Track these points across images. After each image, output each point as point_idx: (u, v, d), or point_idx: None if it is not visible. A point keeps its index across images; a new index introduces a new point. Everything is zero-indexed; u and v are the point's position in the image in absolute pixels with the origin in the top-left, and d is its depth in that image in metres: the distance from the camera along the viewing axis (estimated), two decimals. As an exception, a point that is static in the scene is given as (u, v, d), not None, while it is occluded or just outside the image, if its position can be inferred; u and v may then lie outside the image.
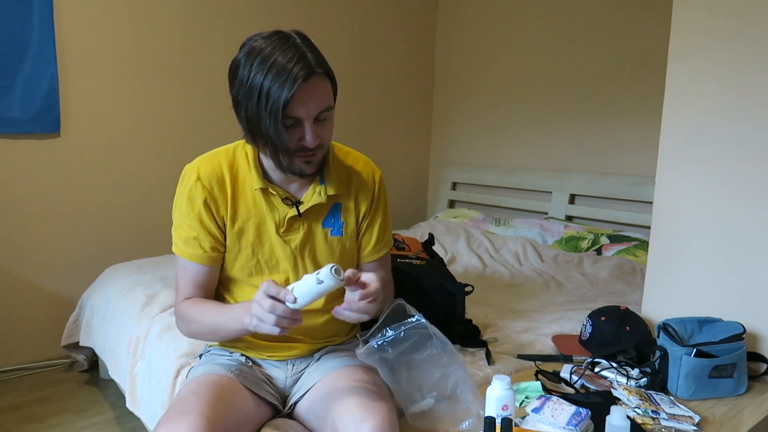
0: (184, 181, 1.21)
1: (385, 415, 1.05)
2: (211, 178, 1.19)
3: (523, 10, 3.40)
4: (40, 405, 2.29)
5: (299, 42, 1.08)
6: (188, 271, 1.22)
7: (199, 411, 1.03)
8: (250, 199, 1.21)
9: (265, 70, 1.05)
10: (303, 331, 1.28)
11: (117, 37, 2.66)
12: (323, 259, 1.26)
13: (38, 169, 2.54)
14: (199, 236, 1.20)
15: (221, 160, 1.22)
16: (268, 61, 1.05)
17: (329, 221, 1.26)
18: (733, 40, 1.55)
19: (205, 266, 1.22)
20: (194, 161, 1.23)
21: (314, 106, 1.09)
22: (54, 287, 2.65)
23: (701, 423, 1.26)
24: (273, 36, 1.09)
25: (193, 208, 1.19)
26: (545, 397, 1.23)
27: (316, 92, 1.08)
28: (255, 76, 1.06)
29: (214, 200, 1.20)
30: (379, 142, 3.75)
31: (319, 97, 1.09)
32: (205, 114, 2.91)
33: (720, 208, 1.61)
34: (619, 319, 1.63)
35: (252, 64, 1.07)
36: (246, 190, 1.21)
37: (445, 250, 2.91)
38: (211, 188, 1.19)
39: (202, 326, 1.20)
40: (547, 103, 3.31)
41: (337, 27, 3.41)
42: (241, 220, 1.21)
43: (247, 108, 1.09)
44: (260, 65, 1.06)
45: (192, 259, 1.21)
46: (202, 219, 1.19)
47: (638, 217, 2.87)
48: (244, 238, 1.22)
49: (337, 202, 1.27)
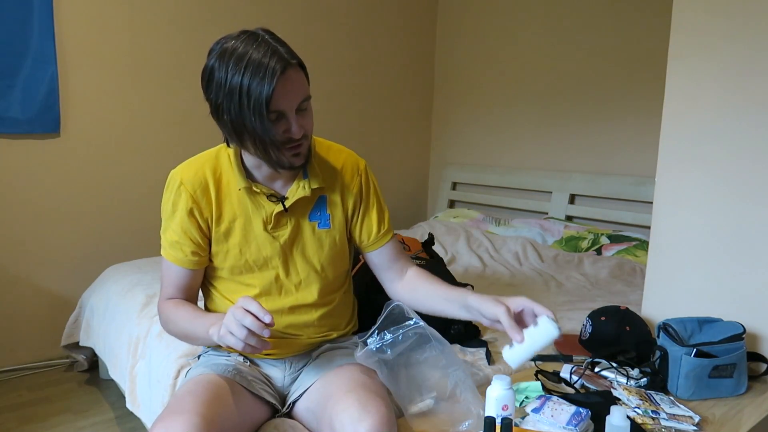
0: (169, 187, 1.24)
1: (382, 414, 1.05)
2: (194, 183, 1.22)
3: (523, 10, 3.39)
4: (40, 405, 2.29)
5: (268, 38, 1.10)
6: (171, 273, 1.25)
7: (195, 410, 1.03)
8: (235, 200, 1.23)
9: (242, 69, 1.05)
10: (298, 327, 1.29)
11: (117, 37, 2.66)
12: (312, 254, 1.28)
13: (38, 169, 2.54)
14: (180, 240, 1.22)
15: (204, 164, 1.24)
16: (243, 59, 1.06)
17: (315, 214, 1.28)
18: (733, 39, 1.55)
19: (186, 269, 1.24)
20: (178, 167, 1.25)
21: (295, 97, 1.11)
22: (54, 287, 2.65)
23: (701, 423, 1.26)
24: (241, 36, 1.10)
25: (175, 214, 1.22)
26: (545, 397, 1.23)
27: (294, 83, 1.10)
28: (233, 77, 1.06)
29: (197, 204, 1.22)
30: (379, 142, 3.75)
31: (298, 87, 1.11)
32: (204, 114, 2.89)
33: (720, 207, 1.61)
34: (619, 319, 1.63)
35: (227, 66, 1.07)
36: (230, 191, 1.23)
37: (445, 250, 2.91)
38: (195, 192, 1.21)
39: (177, 328, 1.23)
40: (547, 103, 3.31)
41: (337, 27, 3.41)
42: (227, 221, 1.23)
43: (229, 110, 1.10)
44: (236, 65, 1.06)
45: (174, 261, 1.24)
46: (183, 225, 1.22)
47: (638, 217, 2.87)
48: (231, 238, 1.24)
49: (322, 194, 1.28)
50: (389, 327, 1.18)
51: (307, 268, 1.28)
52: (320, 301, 1.30)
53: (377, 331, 1.18)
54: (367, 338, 1.18)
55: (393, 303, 1.21)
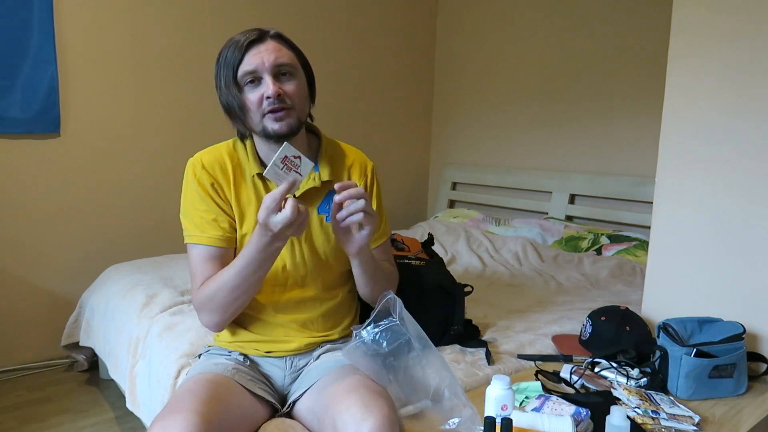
0: (189, 171, 1.26)
1: (385, 413, 1.05)
2: (214, 165, 1.26)
3: (523, 10, 3.39)
4: (40, 405, 2.29)
5: (267, 28, 1.21)
6: (207, 257, 1.23)
7: (194, 408, 1.03)
8: (250, 186, 1.27)
9: (227, 48, 1.19)
10: (302, 323, 1.30)
11: (117, 37, 2.66)
12: (319, 245, 1.30)
13: (38, 169, 2.54)
14: (218, 218, 1.24)
15: (221, 150, 1.29)
16: (231, 41, 1.19)
17: (324, 208, 1.31)
18: (733, 38, 1.55)
19: (225, 248, 1.24)
20: (195, 155, 1.29)
21: (269, 59, 1.16)
22: (54, 287, 2.65)
23: (701, 423, 1.26)
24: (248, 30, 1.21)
25: (205, 193, 1.24)
26: (545, 397, 1.23)
27: (269, 48, 1.18)
28: (220, 58, 1.20)
29: (219, 185, 1.25)
30: (379, 142, 3.75)
31: (274, 52, 1.18)
32: (204, 114, 2.91)
33: (720, 207, 1.61)
34: (619, 319, 1.63)
35: (221, 52, 1.20)
36: (246, 177, 1.27)
37: (445, 250, 2.91)
38: (215, 174, 1.25)
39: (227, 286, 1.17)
40: (547, 103, 3.31)
41: (337, 27, 3.41)
42: (243, 205, 1.26)
43: (218, 87, 1.21)
44: (226, 47, 1.19)
45: (212, 242, 1.23)
46: (216, 200, 1.24)
47: (638, 217, 2.87)
48: (246, 224, 1.26)
49: (332, 189, 1.29)
50: (379, 321, 1.17)
51: (313, 259, 1.29)
52: (325, 295, 1.31)
53: (367, 326, 1.17)
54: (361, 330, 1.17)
55: (388, 295, 1.19)
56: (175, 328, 1.76)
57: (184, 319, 1.81)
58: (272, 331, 1.30)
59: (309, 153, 1.30)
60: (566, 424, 1.06)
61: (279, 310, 1.30)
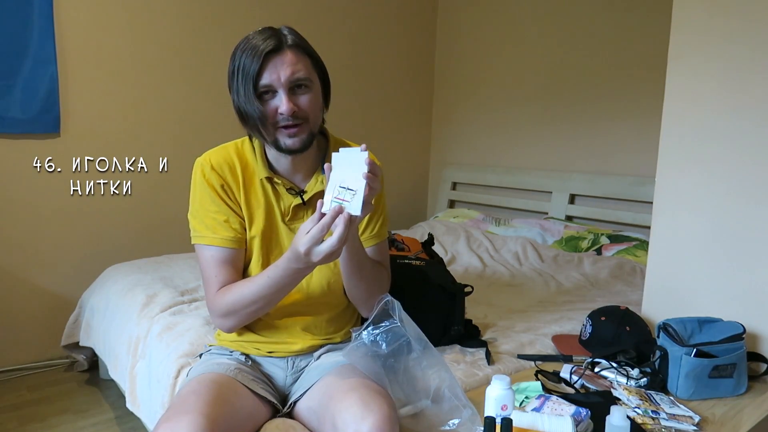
0: (198, 172, 1.25)
1: (385, 412, 1.04)
2: (223, 166, 1.25)
3: (523, 10, 3.39)
4: (40, 405, 2.29)
5: (281, 28, 1.18)
6: (220, 260, 1.22)
7: (200, 410, 1.03)
8: (258, 188, 1.27)
9: (243, 52, 1.15)
10: (306, 326, 1.30)
11: (117, 37, 2.66)
12: None
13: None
14: (230, 219, 1.24)
15: (229, 150, 1.28)
16: (248, 44, 1.16)
17: None
18: (733, 39, 1.55)
19: (237, 249, 1.24)
20: (203, 155, 1.28)
21: (285, 74, 1.15)
22: (54, 287, 2.65)
23: (701, 423, 1.26)
24: (262, 29, 1.19)
25: (216, 194, 1.23)
26: (545, 397, 1.23)
27: (286, 61, 1.15)
28: (236, 61, 1.16)
29: (228, 186, 1.25)
30: (379, 142, 3.74)
31: (291, 66, 1.15)
32: (204, 114, 2.91)
33: (720, 207, 1.61)
34: (619, 319, 1.63)
35: (236, 54, 1.17)
36: (254, 179, 1.27)
37: (445, 250, 2.91)
38: (224, 175, 1.24)
39: (247, 300, 1.17)
40: (547, 103, 3.31)
41: (337, 27, 3.41)
42: (252, 207, 1.26)
43: (232, 91, 1.18)
44: (242, 51, 1.16)
45: (225, 244, 1.22)
46: (226, 201, 1.24)
47: (638, 217, 2.87)
48: (254, 226, 1.26)
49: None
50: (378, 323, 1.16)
51: None
52: (332, 300, 1.31)
53: (366, 327, 1.17)
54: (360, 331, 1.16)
55: (385, 297, 1.18)
56: (175, 328, 1.76)
57: (184, 319, 1.81)
58: (276, 333, 1.30)
59: (317, 153, 1.30)
60: (566, 424, 1.06)
61: (285, 314, 1.30)
